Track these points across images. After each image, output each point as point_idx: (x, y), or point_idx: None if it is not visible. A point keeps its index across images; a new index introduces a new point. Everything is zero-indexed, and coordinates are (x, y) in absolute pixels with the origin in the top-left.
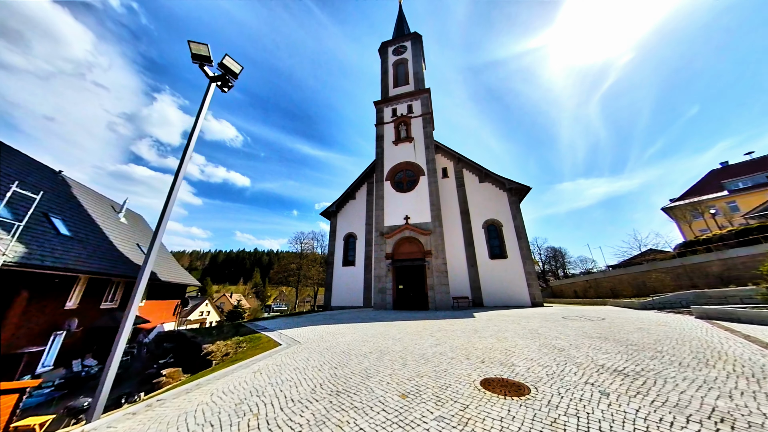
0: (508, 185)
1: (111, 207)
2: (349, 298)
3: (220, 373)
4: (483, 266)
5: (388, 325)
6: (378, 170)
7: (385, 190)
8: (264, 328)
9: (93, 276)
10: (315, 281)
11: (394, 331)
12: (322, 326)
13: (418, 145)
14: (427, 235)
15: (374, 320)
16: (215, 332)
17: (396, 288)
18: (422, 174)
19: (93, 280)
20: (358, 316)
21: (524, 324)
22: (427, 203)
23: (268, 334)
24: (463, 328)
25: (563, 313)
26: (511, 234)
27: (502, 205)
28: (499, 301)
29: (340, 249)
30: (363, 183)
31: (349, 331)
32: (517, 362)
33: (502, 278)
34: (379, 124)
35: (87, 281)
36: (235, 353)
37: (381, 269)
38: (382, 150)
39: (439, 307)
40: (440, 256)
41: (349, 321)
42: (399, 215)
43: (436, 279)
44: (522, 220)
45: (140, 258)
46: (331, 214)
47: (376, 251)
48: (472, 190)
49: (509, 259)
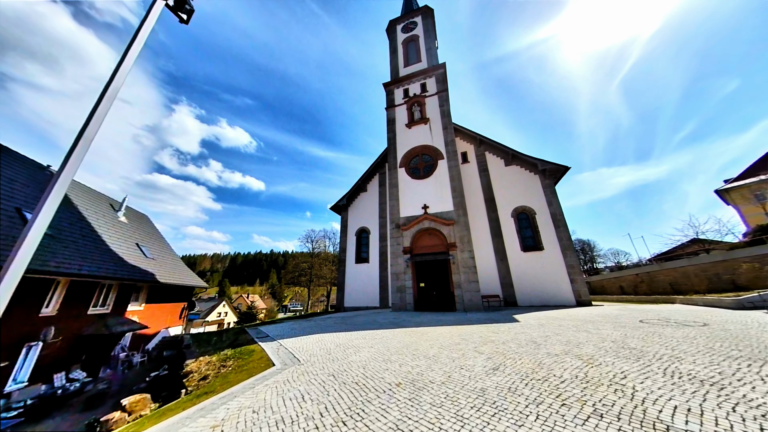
0: (541, 167)
1: (110, 205)
2: (364, 298)
3: (165, 425)
4: (515, 260)
5: (412, 332)
6: (390, 157)
7: (400, 177)
8: (265, 336)
9: (76, 278)
10: (328, 280)
11: (424, 344)
12: (331, 335)
13: (434, 126)
14: (450, 226)
15: (394, 325)
16: (215, 339)
17: (416, 286)
18: (441, 158)
19: (77, 283)
20: (375, 320)
21: (596, 332)
22: (448, 190)
23: (265, 346)
24: (514, 339)
25: (631, 315)
26: (547, 222)
27: (535, 190)
28: (537, 300)
29: (352, 245)
30: (374, 174)
31: (364, 342)
32: (677, 422)
33: (538, 273)
34: (390, 107)
35: (68, 284)
36: (216, 375)
37: (398, 265)
38: (394, 134)
39: (468, 307)
40: (466, 249)
41: (364, 327)
42: (416, 205)
43: (463, 275)
44: (559, 206)
45: (140, 259)
46: (341, 208)
47: (392, 245)
48: (498, 174)
49: (546, 252)
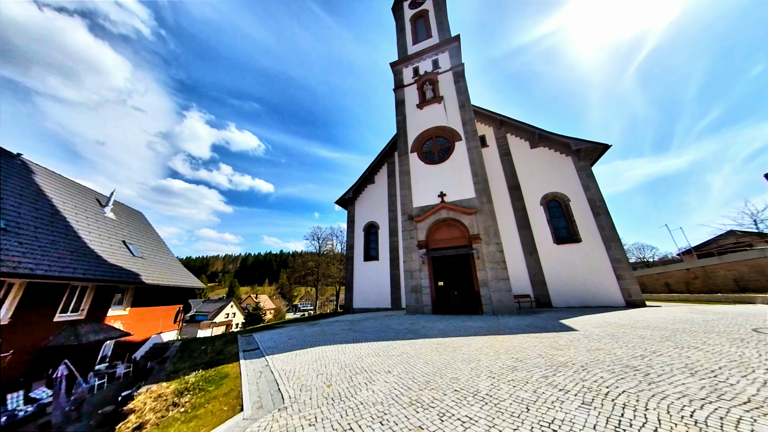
0: (575, 146)
1: (96, 200)
2: (375, 298)
3: None
4: (546, 254)
5: (439, 346)
6: (400, 142)
7: (411, 163)
8: (253, 350)
9: (29, 280)
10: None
11: (464, 367)
12: (335, 348)
13: (449, 105)
14: (472, 215)
15: (413, 334)
16: (200, 349)
17: (434, 285)
18: (458, 139)
19: (38, 286)
20: (389, 326)
21: (710, 348)
22: (468, 174)
23: (246, 368)
24: (595, 360)
25: (724, 321)
26: (584, 210)
27: (567, 174)
28: (575, 300)
29: (360, 241)
30: (382, 164)
31: (378, 362)
32: None
33: (575, 269)
34: (398, 87)
35: (25, 286)
36: (157, 424)
37: (413, 262)
38: (403, 117)
39: (497, 310)
40: (493, 240)
41: (376, 335)
42: (431, 193)
43: (490, 272)
44: (598, 190)
45: (125, 257)
46: (347, 202)
47: (404, 239)
48: (523, 158)
49: (584, 244)
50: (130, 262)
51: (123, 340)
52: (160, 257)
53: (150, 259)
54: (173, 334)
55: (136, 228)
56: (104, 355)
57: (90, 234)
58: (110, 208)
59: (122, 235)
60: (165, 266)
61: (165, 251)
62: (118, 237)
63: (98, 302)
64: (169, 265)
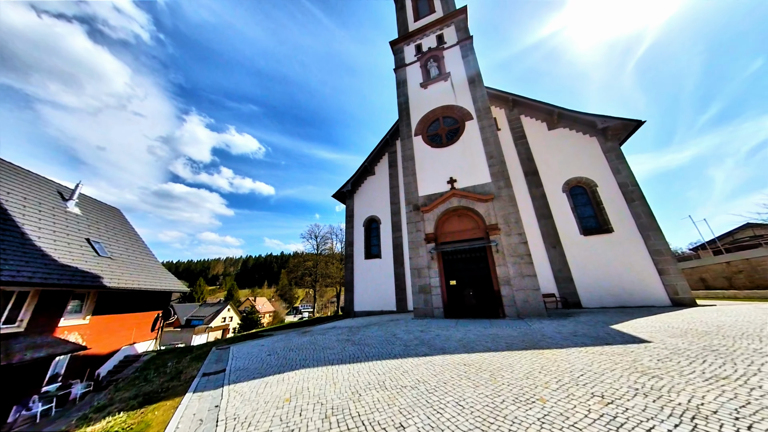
0: (601, 125)
1: (58, 193)
2: (377, 300)
3: None
4: (572, 247)
5: (465, 366)
6: (403, 125)
7: (416, 147)
8: (217, 373)
9: None
10: (336, 280)
11: (524, 420)
12: (324, 372)
13: (457, 82)
14: (488, 202)
15: (427, 347)
16: (163, 367)
17: (445, 285)
18: (468, 118)
19: None
20: (395, 335)
21: None
22: (482, 156)
23: (183, 413)
24: (735, 396)
25: None
26: (615, 196)
27: (593, 156)
28: (610, 299)
29: (360, 238)
30: (382, 154)
31: (384, 403)
32: None
33: (607, 263)
34: (399, 67)
35: None
36: None
37: (420, 258)
38: (406, 98)
39: (522, 312)
40: (514, 230)
41: (379, 349)
42: (439, 179)
43: (513, 268)
44: (631, 174)
45: (88, 258)
46: (345, 195)
47: (410, 233)
48: (540, 141)
49: (616, 234)
50: (93, 263)
51: (82, 354)
52: (135, 258)
53: (120, 260)
54: (149, 344)
55: (109, 225)
56: (56, 373)
57: (40, 230)
58: (75, 203)
59: (87, 233)
60: (139, 268)
61: (142, 251)
62: (81, 234)
63: (45, 311)
64: (145, 266)
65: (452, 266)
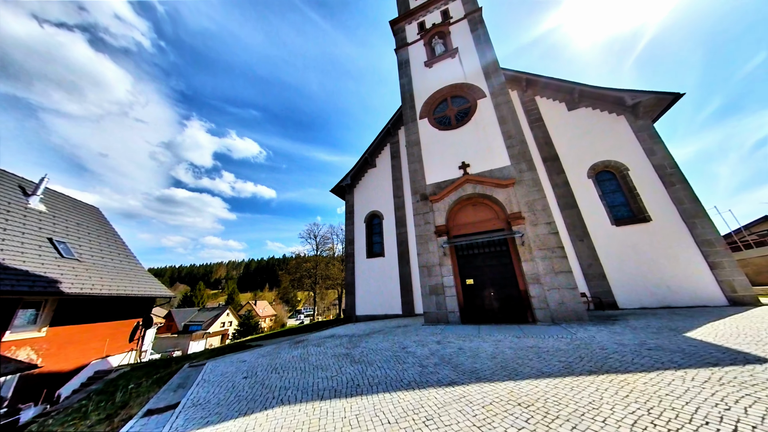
0: (631, 100)
1: (19, 187)
2: (381, 303)
3: None
4: (602, 239)
5: (521, 408)
6: (406, 108)
7: (422, 131)
8: (166, 409)
9: None
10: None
11: None
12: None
13: (466, 59)
14: (508, 188)
15: (450, 369)
16: (121, 390)
17: (461, 284)
18: (480, 96)
19: None
20: (406, 349)
21: None
22: (498, 137)
23: None
24: None
25: None
26: (650, 180)
27: (621, 137)
28: (651, 298)
29: (361, 235)
30: (384, 144)
31: None
32: None
33: (645, 257)
34: (401, 47)
35: None
36: None
37: (430, 254)
38: (409, 79)
39: (558, 316)
40: (542, 219)
41: (387, 372)
42: (450, 164)
43: (542, 263)
44: (668, 154)
45: (47, 260)
46: (344, 190)
47: (417, 225)
48: (559, 123)
49: (654, 224)
50: (52, 265)
51: (37, 373)
52: (111, 260)
53: (90, 262)
54: (125, 357)
55: (82, 225)
56: (1, 396)
57: None
58: (39, 199)
59: (51, 232)
60: (115, 271)
61: (121, 253)
62: (42, 234)
63: None
64: (123, 269)
65: (468, 263)
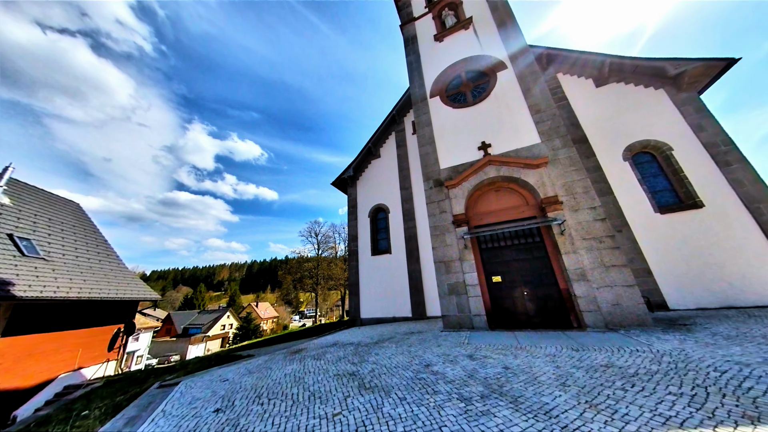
0: (674, 70)
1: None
2: (388, 304)
3: None
4: (644, 229)
5: None
6: (414, 87)
7: (433, 111)
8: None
9: None
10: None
11: None
12: None
13: (482, 28)
14: (539, 168)
15: (507, 403)
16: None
17: (487, 283)
18: (501, 68)
19: None
20: (430, 366)
21: None
22: (525, 112)
23: None
24: None
25: None
26: (699, 160)
27: (661, 113)
28: (709, 297)
29: (365, 231)
30: (388, 133)
31: None
32: None
33: (699, 249)
34: (407, 23)
35: None
36: None
37: (448, 248)
38: (417, 56)
39: (613, 320)
40: (584, 203)
41: (416, 410)
42: (467, 145)
43: (588, 255)
44: (721, 130)
45: (0, 257)
46: (346, 182)
47: (431, 214)
48: (586, 102)
49: (708, 209)
50: (9, 265)
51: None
52: (88, 260)
53: (60, 262)
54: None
55: (55, 220)
56: None
57: None
58: (2, 190)
59: (13, 227)
60: (91, 272)
61: (101, 252)
62: (1, 229)
63: None
64: (101, 270)
65: (493, 257)
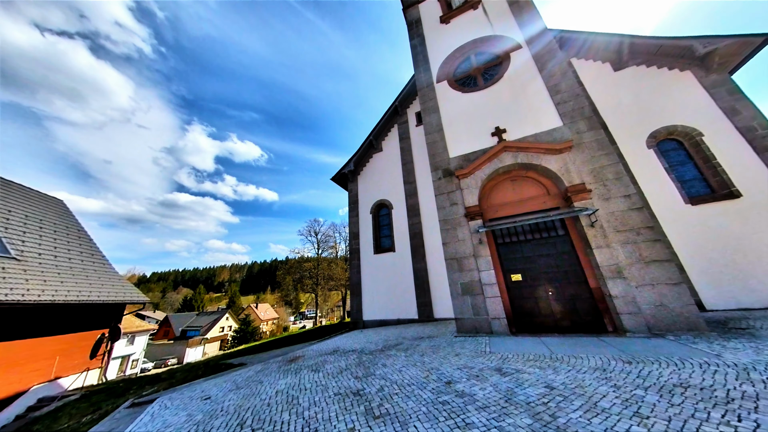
0: (703, 48)
1: None
2: (392, 305)
3: None
4: (674, 222)
5: None
6: (420, 72)
7: (440, 96)
8: None
9: None
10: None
11: None
12: None
13: (492, 8)
14: (562, 153)
15: None
16: None
17: (506, 282)
18: (514, 48)
19: None
20: (450, 383)
21: None
22: (544, 93)
23: None
24: None
25: None
26: (733, 145)
27: (688, 96)
28: (750, 296)
29: (367, 228)
30: (390, 125)
31: None
32: None
33: (736, 243)
34: (409, 6)
35: None
36: None
37: (460, 243)
38: (422, 38)
39: (657, 324)
40: (616, 192)
41: None
42: (479, 131)
43: (624, 250)
44: (758, 113)
45: None
46: (347, 177)
47: (441, 207)
48: (605, 87)
49: (746, 199)
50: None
51: None
52: (68, 260)
53: (35, 262)
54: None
55: (33, 218)
56: None
57: None
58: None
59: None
60: (70, 273)
61: (85, 252)
62: None
63: None
64: (83, 270)
65: (511, 253)
